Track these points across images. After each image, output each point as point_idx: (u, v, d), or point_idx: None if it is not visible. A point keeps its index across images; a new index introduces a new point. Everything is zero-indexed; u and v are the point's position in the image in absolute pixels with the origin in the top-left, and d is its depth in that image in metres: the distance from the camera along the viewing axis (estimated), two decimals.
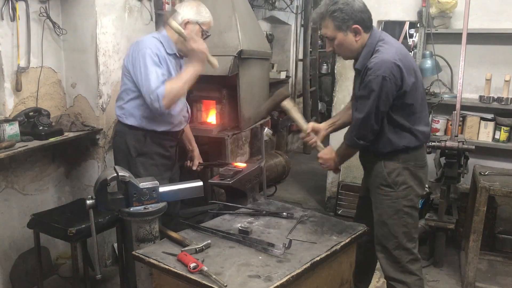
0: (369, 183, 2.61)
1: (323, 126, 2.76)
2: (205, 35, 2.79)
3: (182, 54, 2.84)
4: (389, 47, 2.33)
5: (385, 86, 2.26)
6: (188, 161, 3.21)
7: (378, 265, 2.73)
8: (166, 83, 2.57)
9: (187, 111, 3.00)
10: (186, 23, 2.73)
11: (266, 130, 4.59)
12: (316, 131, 2.71)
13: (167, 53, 2.74)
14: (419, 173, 2.51)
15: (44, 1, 3.20)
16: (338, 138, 4.66)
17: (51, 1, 3.24)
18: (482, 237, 3.36)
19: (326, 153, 2.65)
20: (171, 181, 2.89)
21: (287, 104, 2.69)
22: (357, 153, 2.71)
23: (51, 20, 3.26)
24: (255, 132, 5.52)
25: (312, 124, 2.71)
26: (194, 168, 3.21)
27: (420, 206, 3.86)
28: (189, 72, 2.65)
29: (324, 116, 7.97)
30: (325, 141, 2.82)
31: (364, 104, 2.34)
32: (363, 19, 2.34)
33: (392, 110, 2.38)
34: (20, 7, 3.04)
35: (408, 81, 2.31)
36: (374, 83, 2.26)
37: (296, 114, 2.70)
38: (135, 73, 2.66)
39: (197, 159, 3.23)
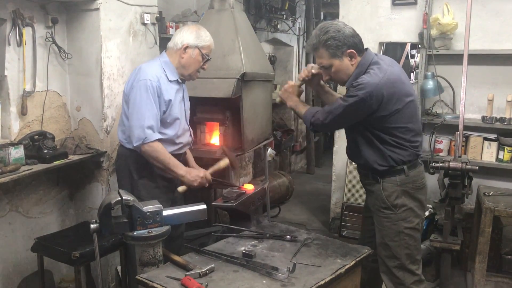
0: (371, 205, 2.62)
1: (323, 83, 2.74)
2: (205, 58, 2.82)
3: (184, 79, 2.88)
4: (379, 72, 2.34)
5: (359, 106, 2.32)
6: None
7: (383, 286, 2.71)
8: (160, 144, 2.67)
9: (190, 135, 3.02)
10: (185, 48, 2.76)
11: (269, 151, 4.60)
12: (314, 75, 2.63)
13: (169, 80, 2.77)
14: (418, 195, 2.52)
15: (50, 26, 3.25)
16: (342, 160, 4.67)
17: (57, 26, 3.29)
18: (488, 258, 3.33)
19: (292, 90, 2.65)
20: (174, 203, 2.90)
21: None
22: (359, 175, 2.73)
23: (56, 45, 3.31)
24: (258, 153, 5.53)
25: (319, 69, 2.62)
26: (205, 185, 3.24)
27: (424, 227, 3.85)
28: (175, 167, 2.73)
29: (327, 136, 7.98)
30: (329, 159, 2.82)
31: (335, 108, 2.40)
32: (356, 43, 2.39)
33: (379, 130, 2.42)
34: (27, 32, 3.09)
35: (389, 108, 2.35)
36: (351, 99, 2.32)
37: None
38: (131, 101, 2.71)
39: None
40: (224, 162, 2.91)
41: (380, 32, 4.33)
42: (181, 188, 2.78)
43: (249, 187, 3.09)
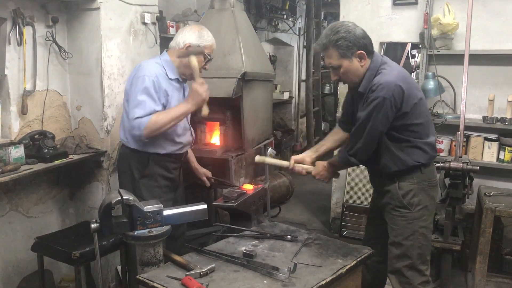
0: (383, 205, 2.60)
1: (306, 155, 2.77)
2: (207, 58, 2.82)
3: (184, 78, 2.87)
4: (392, 70, 2.37)
5: (385, 107, 2.30)
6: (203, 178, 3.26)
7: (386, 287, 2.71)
8: (153, 114, 2.61)
9: (191, 135, 3.01)
10: (187, 47, 2.76)
11: (270, 150, 4.58)
12: (300, 163, 2.71)
13: (169, 78, 2.76)
14: (433, 192, 2.54)
15: (51, 25, 3.25)
16: None
17: (57, 25, 3.29)
18: (489, 259, 3.33)
19: (319, 169, 2.64)
20: (175, 202, 2.90)
21: (259, 158, 2.79)
22: (368, 176, 2.73)
23: (57, 44, 3.31)
24: (258, 152, 5.52)
25: (293, 158, 2.72)
26: (207, 185, 3.23)
27: None
28: (181, 110, 2.70)
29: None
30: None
31: (362, 123, 2.38)
32: (366, 45, 2.39)
33: (396, 130, 2.41)
34: (27, 31, 3.09)
35: (409, 103, 2.35)
36: (374, 103, 2.30)
37: (272, 161, 2.81)
38: (128, 96, 2.71)
39: (204, 175, 3.25)
40: (193, 62, 2.74)
41: (380, 32, 4.32)
42: (204, 111, 2.73)
43: (248, 187, 3.08)
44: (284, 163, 2.72)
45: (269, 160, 2.79)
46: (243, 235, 2.47)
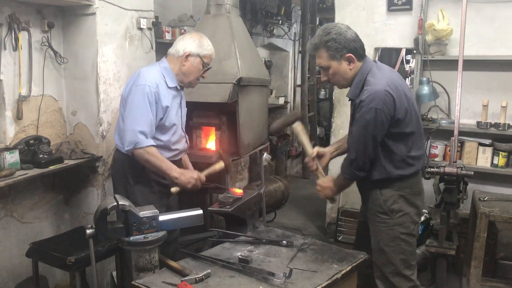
0: (367, 209, 2.62)
1: (328, 150, 2.78)
2: (206, 67, 2.83)
3: (182, 86, 2.88)
4: (380, 78, 2.36)
5: (378, 117, 2.30)
6: None
7: None
8: (154, 147, 2.67)
9: (186, 142, 3.02)
10: (187, 56, 2.77)
11: (265, 155, 4.59)
12: (320, 156, 2.72)
13: (168, 87, 2.77)
14: (415, 200, 2.52)
15: (46, 30, 3.24)
16: (338, 164, 4.67)
17: (53, 30, 3.29)
18: (483, 263, 3.34)
19: (325, 181, 2.65)
20: (169, 208, 2.90)
21: (298, 126, 2.74)
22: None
23: (52, 49, 3.30)
24: (254, 157, 5.53)
25: (317, 149, 2.72)
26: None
27: (420, 232, 3.86)
28: (168, 169, 2.72)
29: (323, 140, 8.00)
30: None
31: (360, 136, 2.38)
32: (356, 48, 2.40)
33: (389, 138, 2.41)
34: (23, 36, 3.08)
35: (401, 109, 2.35)
36: (368, 115, 2.30)
37: (304, 138, 2.73)
38: (127, 105, 2.70)
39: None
40: (219, 166, 2.90)
41: (375, 38, 4.35)
42: (174, 189, 2.77)
43: (238, 191, 3.08)
44: (308, 147, 2.70)
45: (302, 134, 2.71)
46: (239, 240, 2.48)
